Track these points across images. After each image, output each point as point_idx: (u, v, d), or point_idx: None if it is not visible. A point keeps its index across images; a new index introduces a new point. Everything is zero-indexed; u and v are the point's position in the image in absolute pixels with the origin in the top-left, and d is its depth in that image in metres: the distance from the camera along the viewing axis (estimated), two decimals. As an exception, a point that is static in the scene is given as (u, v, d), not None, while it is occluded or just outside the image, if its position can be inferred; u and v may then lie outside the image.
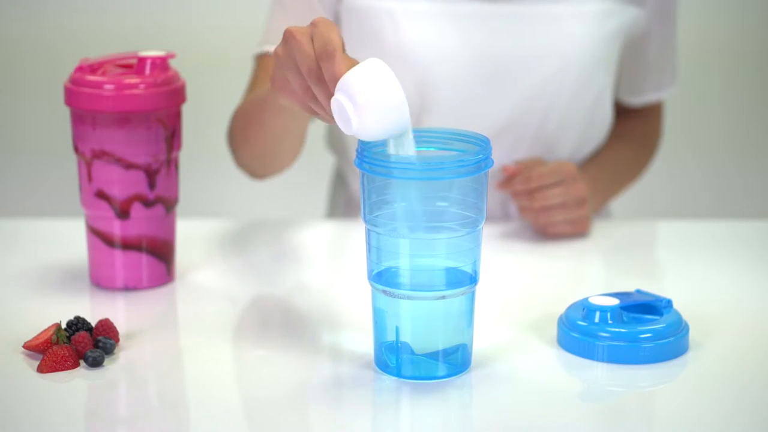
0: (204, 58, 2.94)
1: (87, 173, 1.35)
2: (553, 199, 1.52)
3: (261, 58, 1.63)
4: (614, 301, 1.21)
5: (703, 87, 3.05)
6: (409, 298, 1.12)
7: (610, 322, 1.20)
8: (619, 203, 1.82)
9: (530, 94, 1.58)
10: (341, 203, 1.80)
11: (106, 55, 1.38)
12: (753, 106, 3.10)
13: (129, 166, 1.34)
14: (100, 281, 1.38)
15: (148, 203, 1.35)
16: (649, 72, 1.69)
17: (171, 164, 1.37)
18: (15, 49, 3.09)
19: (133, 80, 1.32)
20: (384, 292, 1.13)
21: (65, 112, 1.37)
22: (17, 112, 3.15)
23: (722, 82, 3.11)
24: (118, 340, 1.21)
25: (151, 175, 1.35)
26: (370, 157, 1.11)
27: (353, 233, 1.59)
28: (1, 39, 3.12)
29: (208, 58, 2.94)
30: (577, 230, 1.53)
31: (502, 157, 1.59)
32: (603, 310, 1.20)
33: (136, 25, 3.05)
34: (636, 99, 1.72)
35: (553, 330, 1.24)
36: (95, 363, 1.17)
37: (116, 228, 1.36)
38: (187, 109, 1.38)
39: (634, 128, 1.74)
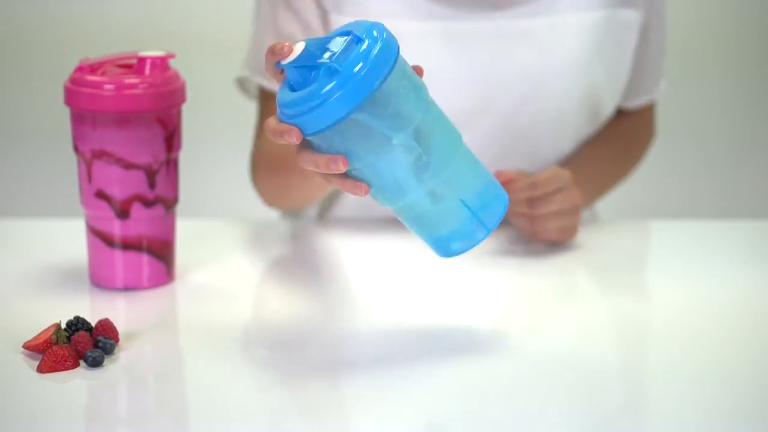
0: (204, 58, 2.94)
1: (87, 173, 1.35)
2: (552, 206, 1.48)
3: (264, 92, 1.59)
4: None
5: (699, 81, 3.05)
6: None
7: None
8: (609, 202, 1.80)
9: (519, 107, 1.56)
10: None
11: (106, 55, 1.38)
12: (748, 101, 3.10)
13: (129, 166, 1.34)
14: (100, 281, 1.38)
15: (148, 203, 1.35)
16: (644, 74, 1.65)
17: (171, 164, 1.37)
18: (15, 49, 3.09)
19: (133, 80, 1.32)
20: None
21: (65, 111, 1.37)
22: (17, 112, 3.15)
23: (719, 76, 3.11)
24: (118, 340, 1.21)
25: (151, 175, 1.35)
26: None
27: (354, 234, 1.59)
28: (1, 39, 3.12)
29: (208, 58, 2.94)
30: (566, 238, 1.50)
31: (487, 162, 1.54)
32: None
33: (136, 25, 3.05)
34: (631, 102, 1.67)
35: (548, 329, 1.24)
36: (95, 363, 1.17)
37: (116, 228, 1.36)
38: (187, 109, 1.38)
39: (619, 129, 1.69)
